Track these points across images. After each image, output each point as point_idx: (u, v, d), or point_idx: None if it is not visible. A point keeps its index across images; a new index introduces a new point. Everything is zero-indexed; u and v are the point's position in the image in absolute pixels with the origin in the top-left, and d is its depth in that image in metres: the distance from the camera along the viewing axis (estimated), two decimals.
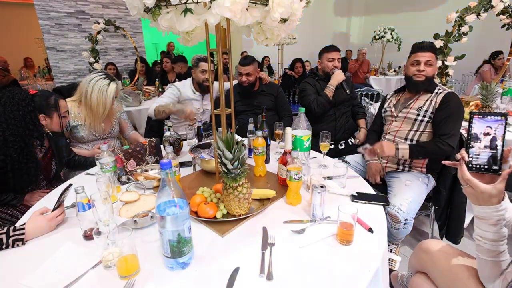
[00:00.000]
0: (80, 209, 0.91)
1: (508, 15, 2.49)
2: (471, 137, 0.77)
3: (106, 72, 1.82)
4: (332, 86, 2.12)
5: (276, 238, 0.92)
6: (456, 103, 1.55)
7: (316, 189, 0.98)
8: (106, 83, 1.68)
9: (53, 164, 1.49)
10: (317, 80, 2.27)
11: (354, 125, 2.32)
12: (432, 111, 1.58)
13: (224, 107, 1.11)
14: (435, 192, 1.71)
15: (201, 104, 2.34)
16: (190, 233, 0.80)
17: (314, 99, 2.12)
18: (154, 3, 0.81)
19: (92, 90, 1.66)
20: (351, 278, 0.76)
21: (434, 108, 1.58)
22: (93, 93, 1.66)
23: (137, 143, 1.46)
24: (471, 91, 4.12)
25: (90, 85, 1.67)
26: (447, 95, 1.56)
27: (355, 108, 2.34)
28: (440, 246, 1.05)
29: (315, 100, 2.11)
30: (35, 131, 1.31)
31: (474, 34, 2.49)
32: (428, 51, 1.60)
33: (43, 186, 1.49)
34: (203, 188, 1.13)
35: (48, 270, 0.82)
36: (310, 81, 2.28)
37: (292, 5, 0.91)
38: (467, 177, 0.77)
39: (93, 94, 1.66)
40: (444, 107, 1.54)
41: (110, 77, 1.74)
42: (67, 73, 4.68)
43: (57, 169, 1.52)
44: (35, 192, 1.42)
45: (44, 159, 1.45)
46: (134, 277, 0.77)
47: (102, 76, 1.70)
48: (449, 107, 1.53)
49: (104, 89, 1.67)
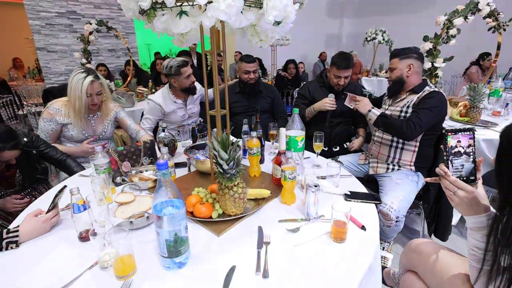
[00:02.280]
0: (75, 211, 0.90)
1: (494, 18, 2.57)
2: (448, 152, 0.83)
3: (88, 68, 1.77)
4: (314, 110, 2.05)
5: (272, 237, 0.94)
6: (436, 100, 1.57)
7: (310, 188, 1.00)
8: (83, 77, 1.64)
9: (16, 175, 1.48)
10: (320, 86, 2.18)
11: (352, 132, 2.29)
12: (413, 104, 1.64)
13: (219, 108, 1.13)
14: (425, 191, 1.75)
15: (186, 110, 2.27)
16: (186, 233, 0.80)
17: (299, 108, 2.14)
18: (150, 6, 0.82)
19: (71, 84, 1.65)
20: (345, 274, 0.78)
21: (415, 104, 1.63)
22: (72, 87, 1.65)
23: (132, 145, 1.46)
24: (460, 92, 4.22)
25: (70, 80, 1.65)
26: (431, 92, 1.60)
27: (358, 117, 2.23)
28: (430, 245, 1.07)
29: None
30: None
31: (462, 36, 2.56)
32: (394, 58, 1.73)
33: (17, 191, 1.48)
34: (199, 189, 1.14)
35: (43, 271, 0.81)
36: (311, 87, 2.20)
37: (286, 8, 0.93)
38: (454, 179, 0.81)
39: (72, 88, 1.65)
40: (423, 101, 1.59)
41: (89, 71, 1.69)
42: (58, 73, 4.61)
43: (24, 180, 1.50)
44: (7, 198, 1.41)
45: (6, 172, 1.43)
46: (131, 277, 0.78)
47: (81, 70, 1.68)
48: (427, 101, 1.58)
49: (80, 83, 1.62)
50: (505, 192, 0.70)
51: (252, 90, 2.30)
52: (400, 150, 1.70)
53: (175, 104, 2.19)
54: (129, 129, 1.95)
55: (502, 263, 0.70)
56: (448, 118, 2.37)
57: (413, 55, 1.66)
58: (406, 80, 1.68)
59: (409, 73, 1.66)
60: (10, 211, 1.39)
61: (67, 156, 1.64)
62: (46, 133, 1.71)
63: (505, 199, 0.70)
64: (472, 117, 2.27)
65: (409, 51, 1.68)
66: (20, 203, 1.40)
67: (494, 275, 0.72)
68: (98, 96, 1.72)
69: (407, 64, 1.66)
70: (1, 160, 1.32)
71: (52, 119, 1.71)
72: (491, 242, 0.72)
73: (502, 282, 0.69)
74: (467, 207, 0.80)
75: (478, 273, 0.77)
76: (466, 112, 2.31)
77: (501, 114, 2.43)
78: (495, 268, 0.72)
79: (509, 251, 0.68)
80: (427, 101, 1.57)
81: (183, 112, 2.25)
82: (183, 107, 2.24)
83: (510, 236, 0.67)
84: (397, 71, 1.69)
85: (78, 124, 1.74)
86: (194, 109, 2.34)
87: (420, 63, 1.69)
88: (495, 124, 2.21)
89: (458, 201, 0.81)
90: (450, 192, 0.82)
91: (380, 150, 1.78)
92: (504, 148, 0.71)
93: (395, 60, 1.70)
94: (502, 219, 0.70)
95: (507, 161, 0.70)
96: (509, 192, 0.69)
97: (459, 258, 0.98)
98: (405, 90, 1.72)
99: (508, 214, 0.69)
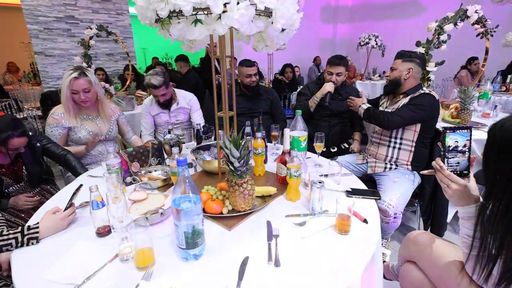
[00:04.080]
0: (94, 207, 0.95)
1: (482, 24, 2.70)
2: (445, 150, 0.91)
3: (78, 66, 1.83)
4: (317, 98, 2.17)
5: (280, 230, 1.00)
6: (424, 100, 1.66)
7: (315, 184, 1.07)
8: (68, 74, 1.70)
9: (23, 170, 1.51)
10: (319, 86, 2.26)
11: (349, 133, 2.36)
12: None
13: (227, 110, 1.19)
14: (420, 189, 1.83)
15: (169, 116, 2.33)
16: (203, 226, 0.86)
17: (300, 106, 2.26)
18: (168, 14, 0.88)
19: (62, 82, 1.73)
20: (350, 263, 0.85)
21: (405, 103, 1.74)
22: (61, 85, 1.72)
23: (141, 146, 1.51)
24: (451, 95, 4.36)
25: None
26: (422, 94, 1.70)
27: (355, 119, 2.32)
28: (426, 236, 1.15)
29: (299, 106, 2.27)
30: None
31: (452, 42, 2.68)
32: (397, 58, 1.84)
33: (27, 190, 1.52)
34: (208, 187, 1.19)
35: (66, 265, 0.86)
36: (311, 86, 2.34)
37: (292, 17, 1.00)
38: (448, 172, 0.89)
39: (61, 86, 1.73)
40: (412, 100, 1.70)
41: (77, 69, 1.73)
42: (56, 77, 4.61)
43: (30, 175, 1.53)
44: (20, 196, 1.44)
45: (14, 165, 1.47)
46: (151, 268, 0.83)
47: (70, 68, 1.74)
48: (415, 100, 1.69)
49: (66, 79, 1.69)
50: (491, 183, 0.78)
51: (254, 93, 2.40)
52: (398, 150, 1.79)
53: (160, 109, 2.30)
54: (126, 134, 2.09)
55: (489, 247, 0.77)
56: (440, 120, 2.47)
57: (415, 60, 1.76)
58: (403, 82, 1.76)
59: (407, 76, 1.75)
60: (21, 208, 1.43)
61: (68, 152, 1.69)
62: (55, 138, 1.75)
63: (490, 190, 0.77)
64: (463, 119, 2.37)
65: (413, 55, 1.77)
66: (31, 201, 1.44)
67: (481, 258, 0.79)
68: (86, 93, 1.73)
69: (407, 67, 1.74)
70: (10, 148, 1.35)
71: (58, 124, 1.75)
72: (478, 229, 0.80)
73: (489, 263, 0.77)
74: (459, 198, 0.88)
75: (467, 257, 0.84)
76: (458, 114, 2.42)
77: (490, 116, 2.54)
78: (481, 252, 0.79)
79: (494, 236, 0.76)
80: (415, 100, 1.69)
81: (166, 117, 2.33)
82: (167, 113, 2.33)
83: (495, 222, 0.75)
84: (396, 72, 1.78)
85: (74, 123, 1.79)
86: (180, 116, 2.37)
87: (420, 69, 1.78)
88: (485, 125, 2.32)
89: (451, 193, 0.89)
90: (444, 184, 0.90)
91: (378, 150, 1.86)
92: (490, 144, 0.78)
93: (398, 61, 1.79)
94: (487, 208, 0.77)
95: (492, 156, 0.77)
96: (493, 183, 0.77)
97: (453, 247, 1.06)
98: (400, 92, 1.80)
99: (492, 204, 0.76)
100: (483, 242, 0.78)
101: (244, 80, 2.36)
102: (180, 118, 2.38)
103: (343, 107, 2.20)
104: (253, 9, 0.87)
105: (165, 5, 0.85)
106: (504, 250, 0.74)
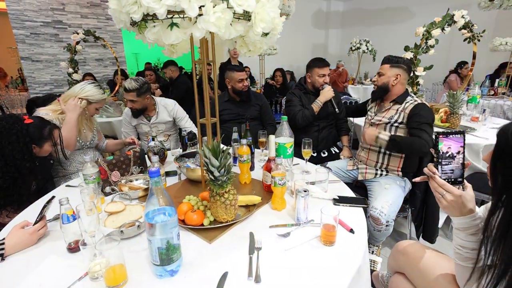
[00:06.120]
0: (64, 221, 0.89)
1: (469, 29, 2.72)
2: (439, 154, 0.85)
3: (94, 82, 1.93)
4: (320, 102, 2.12)
5: (263, 242, 0.95)
6: (426, 111, 1.63)
7: (299, 193, 1.03)
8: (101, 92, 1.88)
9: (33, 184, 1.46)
10: (304, 92, 2.25)
11: (337, 136, 2.35)
12: (402, 120, 1.69)
13: (209, 116, 1.15)
14: (411, 195, 1.81)
15: (150, 126, 2.28)
16: (178, 240, 0.81)
17: (299, 111, 2.12)
18: (141, 18, 0.84)
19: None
20: (334, 277, 0.80)
21: (403, 118, 1.68)
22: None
23: (121, 154, 1.45)
24: (441, 99, 4.40)
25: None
26: (416, 105, 1.66)
27: (340, 122, 2.32)
28: (416, 247, 1.10)
29: (300, 112, 2.11)
30: (29, 161, 1.32)
31: (440, 46, 2.69)
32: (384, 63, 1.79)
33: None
34: (190, 197, 1.14)
35: (31, 285, 0.80)
36: (296, 92, 2.26)
37: (274, 20, 0.97)
38: (442, 181, 0.83)
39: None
40: (418, 115, 1.62)
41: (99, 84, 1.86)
42: (43, 83, 4.52)
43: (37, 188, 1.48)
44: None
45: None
46: (123, 286, 0.77)
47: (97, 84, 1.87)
48: (423, 115, 1.61)
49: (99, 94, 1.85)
50: (499, 191, 0.71)
51: (245, 98, 2.35)
52: (388, 156, 1.76)
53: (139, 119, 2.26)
54: (102, 140, 2.06)
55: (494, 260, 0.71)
56: None
57: (402, 66, 1.73)
58: (391, 89, 1.74)
59: (395, 82, 1.73)
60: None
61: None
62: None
63: (499, 199, 0.71)
64: (452, 123, 2.37)
65: (401, 61, 1.75)
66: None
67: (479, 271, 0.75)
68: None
69: (395, 73, 1.72)
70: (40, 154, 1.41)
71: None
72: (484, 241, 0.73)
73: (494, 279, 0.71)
74: (454, 209, 0.83)
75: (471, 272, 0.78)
76: (447, 118, 2.42)
77: (479, 120, 2.55)
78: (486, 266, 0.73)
79: (501, 248, 0.69)
80: (423, 114, 1.61)
81: (147, 128, 2.27)
82: (147, 123, 2.27)
83: (503, 232, 0.69)
84: (384, 77, 1.75)
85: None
86: (160, 127, 2.31)
87: (407, 75, 1.76)
88: (474, 129, 2.32)
89: (446, 204, 0.83)
90: (439, 195, 0.85)
91: (368, 157, 1.84)
92: (501, 149, 0.71)
93: (386, 66, 1.76)
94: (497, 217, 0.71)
95: (505, 162, 0.70)
96: (502, 191, 0.70)
97: (444, 259, 1.02)
98: (389, 99, 1.78)
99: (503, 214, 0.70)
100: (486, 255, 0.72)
101: (235, 86, 2.30)
102: (161, 128, 2.32)
103: (328, 109, 2.18)
104: (230, 13, 0.83)
105: (138, 8, 0.82)
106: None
